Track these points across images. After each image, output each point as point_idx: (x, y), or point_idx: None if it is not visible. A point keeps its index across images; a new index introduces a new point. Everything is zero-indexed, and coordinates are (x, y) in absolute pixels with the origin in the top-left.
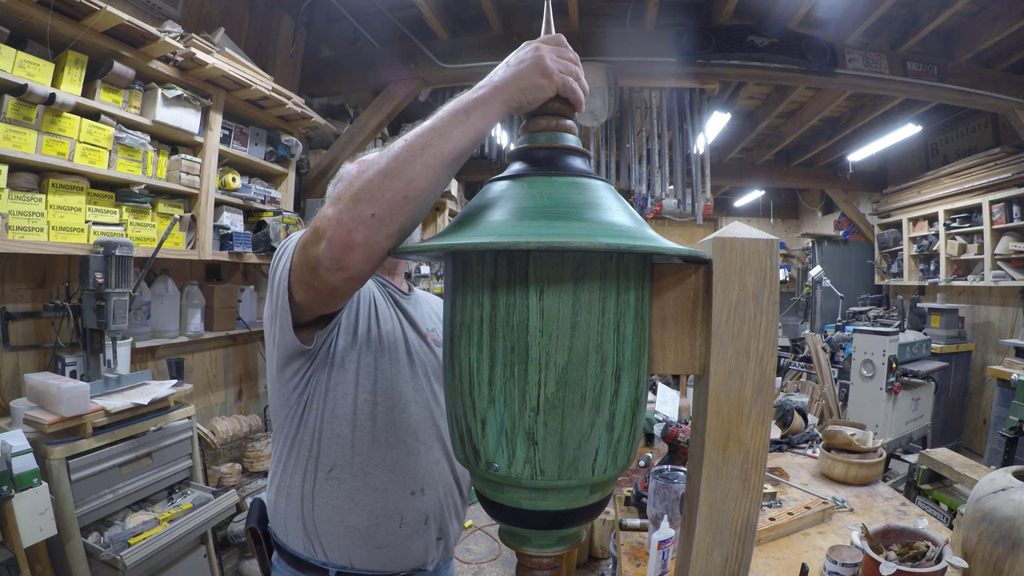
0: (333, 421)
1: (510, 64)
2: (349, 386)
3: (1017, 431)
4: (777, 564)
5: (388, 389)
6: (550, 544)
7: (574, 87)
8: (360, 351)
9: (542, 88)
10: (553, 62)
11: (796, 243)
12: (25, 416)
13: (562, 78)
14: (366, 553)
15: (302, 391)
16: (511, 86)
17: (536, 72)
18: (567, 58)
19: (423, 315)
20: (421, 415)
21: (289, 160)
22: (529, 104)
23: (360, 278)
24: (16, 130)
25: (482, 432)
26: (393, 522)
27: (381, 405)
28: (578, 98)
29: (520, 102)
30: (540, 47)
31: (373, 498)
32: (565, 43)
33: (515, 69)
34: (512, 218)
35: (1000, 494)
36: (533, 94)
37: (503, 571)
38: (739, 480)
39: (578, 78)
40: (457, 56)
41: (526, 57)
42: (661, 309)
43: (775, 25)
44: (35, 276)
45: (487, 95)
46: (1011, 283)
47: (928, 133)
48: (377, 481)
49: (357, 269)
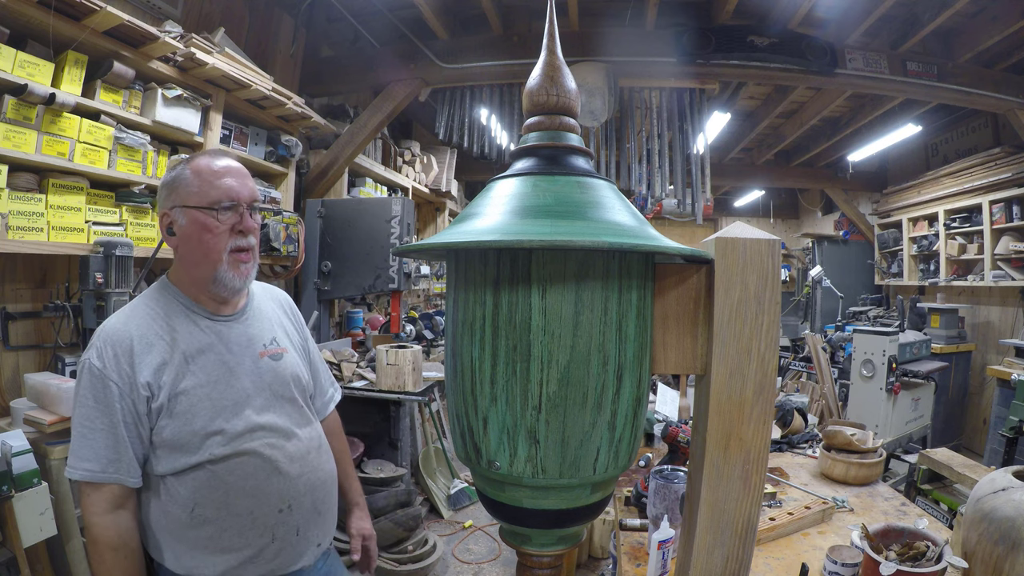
0: (176, 482)
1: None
2: (183, 449)
3: (1017, 431)
4: (777, 564)
5: (227, 432)
6: (551, 543)
7: None
8: (180, 422)
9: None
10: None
11: (796, 243)
12: (25, 416)
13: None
14: (242, 570)
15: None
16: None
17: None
18: None
19: (257, 331)
20: (272, 441)
21: (289, 160)
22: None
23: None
24: (16, 130)
25: (484, 430)
26: (265, 539)
27: (222, 453)
28: None
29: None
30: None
31: (240, 524)
32: None
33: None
34: (515, 216)
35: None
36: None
37: (503, 571)
38: (740, 480)
39: None
40: (457, 56)
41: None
42: (663, 308)
43: (775, 25)
44: (35, 276)
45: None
46: (1011, 283)
47: (928, 133)
48: (242, 509)
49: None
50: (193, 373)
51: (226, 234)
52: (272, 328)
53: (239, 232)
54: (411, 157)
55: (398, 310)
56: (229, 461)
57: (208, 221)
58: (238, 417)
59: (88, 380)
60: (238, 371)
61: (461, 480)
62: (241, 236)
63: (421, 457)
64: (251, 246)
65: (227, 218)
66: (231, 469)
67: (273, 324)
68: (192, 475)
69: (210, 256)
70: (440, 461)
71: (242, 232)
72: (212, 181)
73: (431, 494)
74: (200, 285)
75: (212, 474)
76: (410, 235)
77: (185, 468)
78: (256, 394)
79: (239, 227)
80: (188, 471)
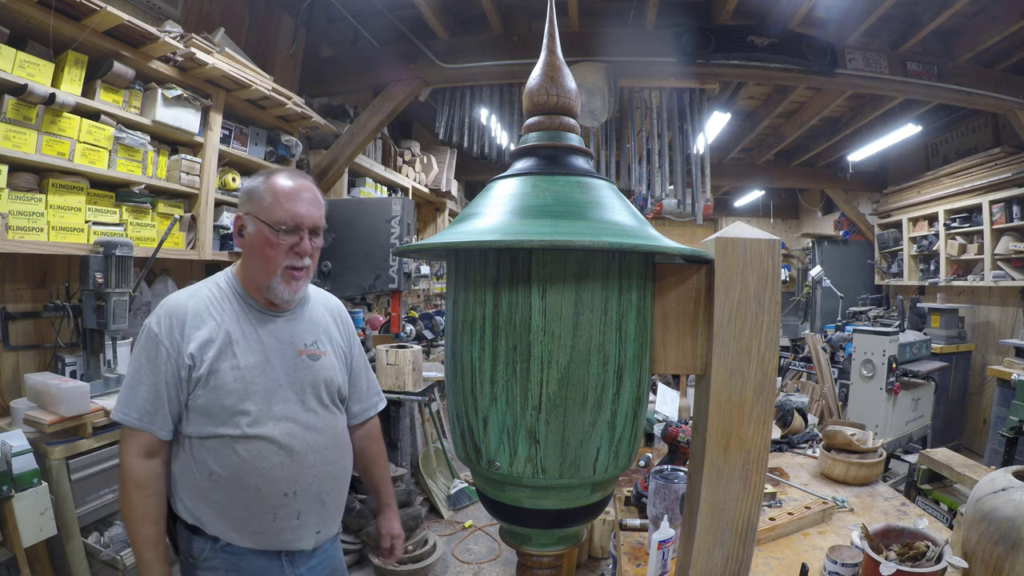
0: (200, 445)
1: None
2: (212, 418)
3: (1017, 431)
4: (777, 564)
5: (253, 414)
6: (551, 543)
7: None
8: (209, 399)
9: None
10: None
11: (796, 243)
12: (25, 416)
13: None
14: (243, 536)
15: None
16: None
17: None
18: None
19: (302, 331)
20: (291, 431)
21: (289, 160)
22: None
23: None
24: (16, 130)
25: (484, 430)
26: (267, 516)
27: (244, 433)
28: None
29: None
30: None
31: (247, 497)
32: None
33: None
34: (515, 216)
35: (1000, 494)
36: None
37: (503, 571)
38: (740, 480)
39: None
40: (457, 56)
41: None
42: (663, 308)
43: (775, 25)
44: (35, 276)
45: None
46: (1011, 283)
47: (928, 133)
48: (250, 484)
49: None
50: (234, 355)
51: (284, 252)
52: (316, 331)
53: (296, 254)
54: (411, 157)
55: (398, 310)
56: (248, 441)
57: (271, 237)
58: (266, 403)
59: (145, 340)
60: (275, 362)
61: (461, 480)
62: (298, 257)
63: (421, 457)
64: (306, 266)
65: (288, 239)
66: (248, 448)
67: (319, 328)
68: (214, 444)
69: (267, 267)
70: (440, 461)
71: (299, 254)
72: (282, 202)
73: (431, 494)
74: (256, 285)
75: (231, 448)
76: (410, 235)
77: (210, 436)
78: (288, 386)
79: (297, 249)
80: (211, 439)
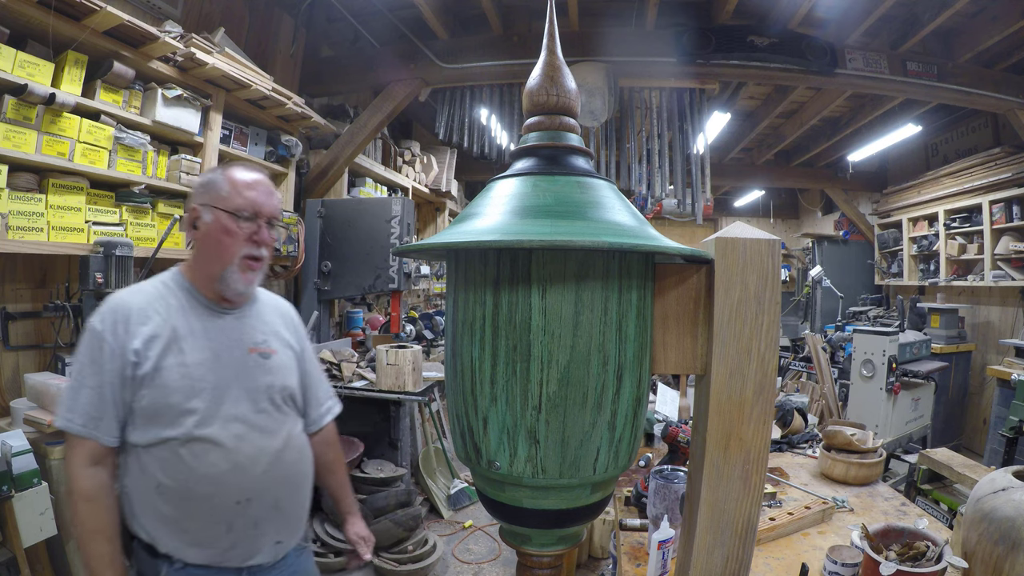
0: (146, 455)
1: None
2: (157, 420)
3: (1017, 431)
4: (777, 564)
5: (200, 412)
6: (551, 543)
7: None
8: (156, 400)
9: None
10: None
11: (796, 243)
12: (25, 416)
13: None
14: (198, 552)
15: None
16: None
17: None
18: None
19: (251, 329)
20: (240, 433)
21: (289, 160)
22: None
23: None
24: (16, 130)
25: (484, 430)
26: (221, 528)
27: (190, 435)
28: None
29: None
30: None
31: (198, 508)
32: None
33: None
34: (515, 216)
35: (1000, 494)
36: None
37: (503, 571)
38: (740, 480)
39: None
40: (457, 56)
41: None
42: (663, 308)
43: (775, 25)
44: (35, 276)
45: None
46: (1011, 283)
47: (928, 133)
48: (201, 493)
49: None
50: (181, 351)
51: (242, 241)
52: (266, 330)
53: (254, 242)
54: (411, 157)
55: (398, 310)
56: (194, 444)
57: (229, 224)
58: (214, 402)
59: (88, 339)
60: (224, 359)
61: (461, 480)
62: (255, 246)
63: (421, 457)
64: (262, 256)
65: (247, 226)
66: (195, 453)
67: (268, 328)
68: (160, 451)
69: (223, 256)
70: (440, 461)
71: (256, 243)
72: (241, 191)
73: (431, 494)
74: (208, 280)
75: (176, 455)
76: (410, 235)
77: (155, 442)
78: (236, 385)
79: (255, 237)
80: (157, 446)
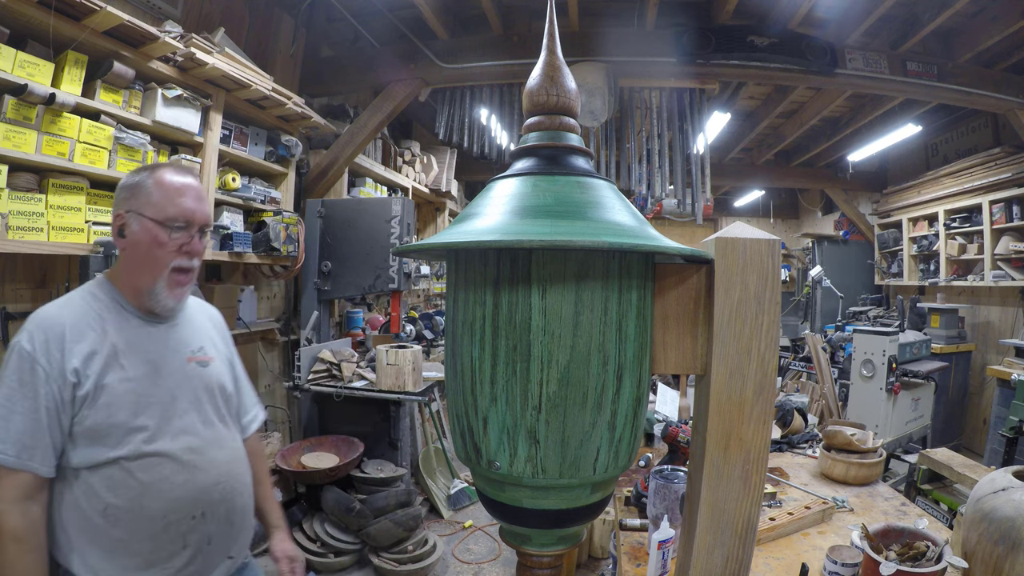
0: (91, 476)
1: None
2: (103, 440)
3: (1017, 431)
4: (777, 564)
5: (149, 429)
6: (551, 543)
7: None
8: (97, 419)
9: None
10: None
11: (796, 243)
12: None
13: None
14: (149, 575)
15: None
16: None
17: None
18: None
19: (187, 337)
20: (192, 444)
21: (289, 160)
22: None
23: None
24: (16, 130)
25: (484, 430)
26: (176, 545)
27: (140, 451)
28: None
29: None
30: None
31: (152, 527)
32: None
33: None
34: (515, 216)
35: (1000, 494)
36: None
37: (503, 571)
38: (740, 480)
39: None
40: (457, 56)
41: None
42: (663, 308)
43: (775, 25)
44: (35, 276)
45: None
46: (1011, 283)
47: (928, 133)
48: (155, 511)
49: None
50: (122, 367)
51: (173, 252)
52: (200, 337)
53: (185, 253)
54: (411, 157)
55: (398, 310)
56: (146, 460)
57: (160, 235)
58: (163, 417)
59: (16, 362)
60: (165, 371)
61: (461, 480)
62: (186, 257)
63: (421, 457)
64: (193, 268)
65: (178, 237)
66: (146, 469)
67: (202, 334)
68: (107, 471)
69: (153, 269)
70: (440, 461)
71: (188, 254)
72: (172, 198)
73: (431, 494)
74: (136, 292)
75: (127, 472)
76: (410, 235)
77: (102, 463)
78: (181, 396)
79: (187, 248)
80: (104, 466)
